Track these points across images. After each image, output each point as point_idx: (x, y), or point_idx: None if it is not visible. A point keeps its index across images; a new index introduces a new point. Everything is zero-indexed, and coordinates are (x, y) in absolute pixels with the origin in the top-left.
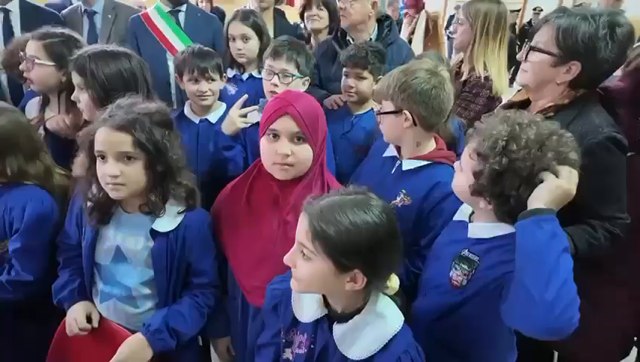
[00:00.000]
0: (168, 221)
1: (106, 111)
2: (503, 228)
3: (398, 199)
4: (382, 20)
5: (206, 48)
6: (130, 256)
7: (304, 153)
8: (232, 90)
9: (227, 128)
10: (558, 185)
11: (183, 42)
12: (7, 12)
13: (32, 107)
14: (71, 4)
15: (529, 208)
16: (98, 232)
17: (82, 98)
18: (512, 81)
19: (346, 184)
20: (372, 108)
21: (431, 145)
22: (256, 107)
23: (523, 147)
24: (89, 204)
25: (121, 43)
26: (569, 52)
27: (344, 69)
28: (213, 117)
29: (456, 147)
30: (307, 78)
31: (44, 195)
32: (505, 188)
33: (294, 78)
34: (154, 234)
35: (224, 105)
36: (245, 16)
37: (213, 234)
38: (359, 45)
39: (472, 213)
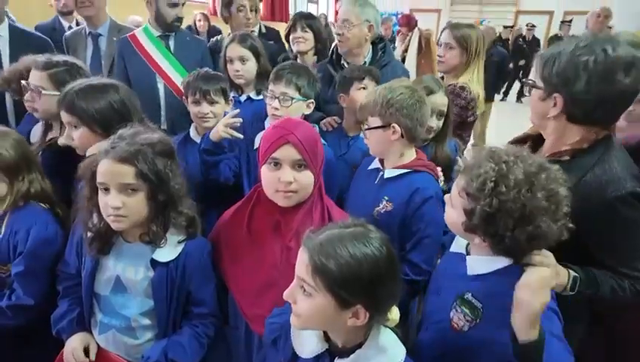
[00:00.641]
0: (169, 251)
1: (107, 142)
2: (501, 261)
3: (381, 206)
4: (375, 43)
5: (213, 72)
6: (130, 286)
7: (306, 179)
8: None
9: (212, 134)
10: (530, 308)
11: (173, 66)
12: None
13: (37, 132)
14: (60, 24)
15: (518, 338)
16: (98, 262)
17: (75, 135)
18: (506, 94)
19: (344, 206)
20: None
21: (412, 156)
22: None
23: (512, 187)
24: (89, 234)
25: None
26: (548, 84)
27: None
28: None
29: (453, 169)
30: (311, 100)
31: (49, 219)
32: (499, 229)
33: (294, 101)
34: (154, 264)
35: None
36: (243, 38)
37: (213, 261)
38: (354, 66)
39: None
